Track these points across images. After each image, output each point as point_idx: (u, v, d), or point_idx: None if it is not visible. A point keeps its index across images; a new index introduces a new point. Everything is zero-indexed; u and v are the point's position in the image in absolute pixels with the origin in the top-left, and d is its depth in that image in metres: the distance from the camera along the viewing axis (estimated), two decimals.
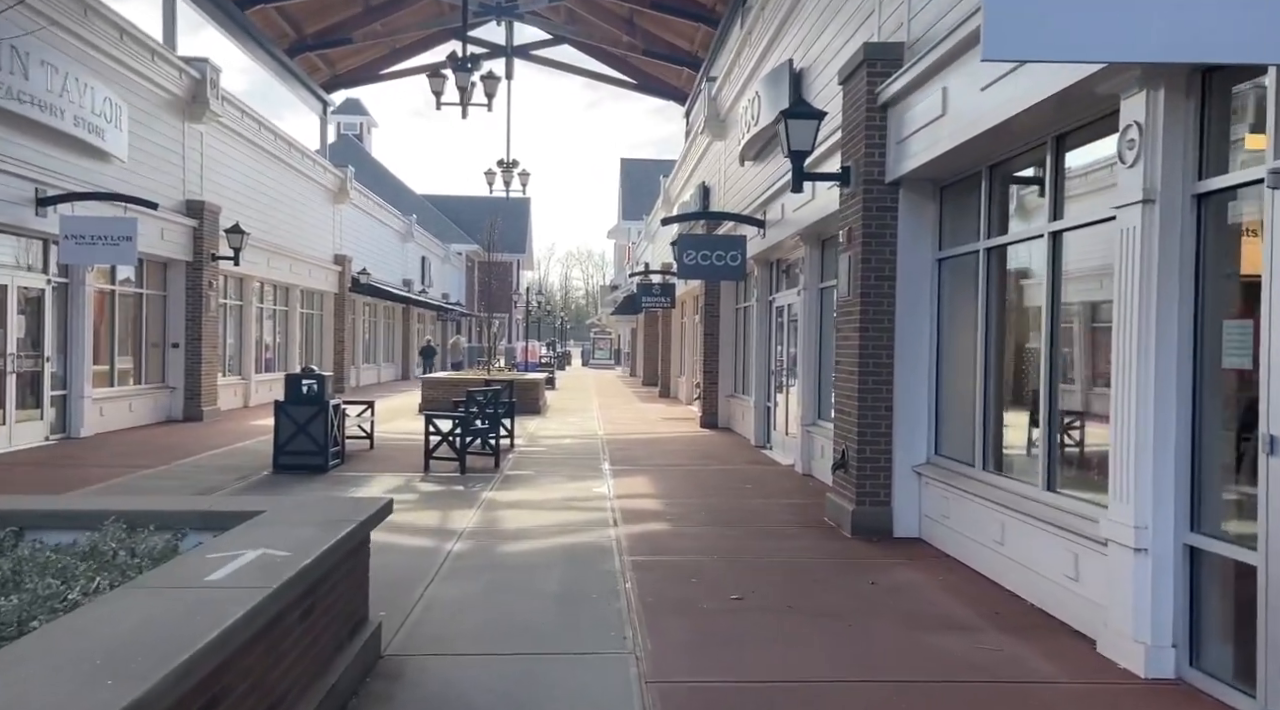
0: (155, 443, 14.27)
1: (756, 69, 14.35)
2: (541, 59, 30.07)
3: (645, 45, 25.98)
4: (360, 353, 33.00)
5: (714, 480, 11.60)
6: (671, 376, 29.39)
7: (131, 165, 15.48)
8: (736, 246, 13.81)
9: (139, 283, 16.96)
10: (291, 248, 23.92)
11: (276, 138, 22.44)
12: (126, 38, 15.05)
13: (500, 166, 27.35)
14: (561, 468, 12.54)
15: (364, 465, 12.43)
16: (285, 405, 11.77)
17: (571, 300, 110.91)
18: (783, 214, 12.60)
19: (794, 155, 8.39)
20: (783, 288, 14.57)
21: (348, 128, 63.75)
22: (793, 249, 13.39)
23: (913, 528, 8.06)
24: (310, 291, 26.85)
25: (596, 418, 20.92)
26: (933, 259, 8.11)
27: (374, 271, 32.46)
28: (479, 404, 12.42)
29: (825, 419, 11.72)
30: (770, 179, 13.40)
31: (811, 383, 12.07)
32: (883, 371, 8.17)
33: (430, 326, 47.32)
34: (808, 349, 12.08)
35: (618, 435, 16.98)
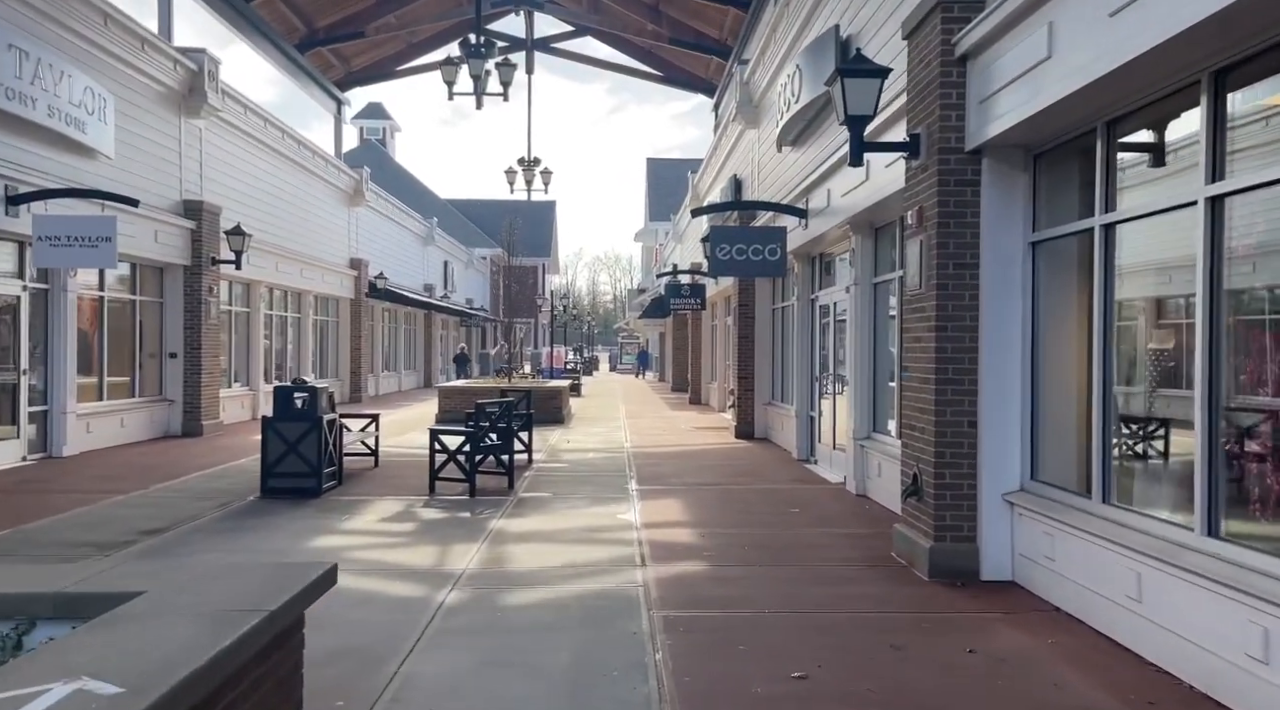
0: (142, 462, 13.11)
1: (796, 42, 12.96)
2: (563, 52, 28.86)
3: (671, 34, 24.65)
4: (379, 360, 31.91)
5: (755, 503, 10.20)
6: (702, 382, 27.99)
7: (120, 162, 14.36)
8: (775, 239, 12.42)
9: (132, 289, 15.85)
10: (302, 251, 22.81)
11: (285, 136, 21.34)
12: (112, 24, 13.93)
13: (521, 165, 26.13)
14: (583, 488, 11.20)
15: (363, 487, 11.16)
16: (274, 422, 10.53)
17: (599, 305, 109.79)
18: (828, 201, 11.20)
19: (852, 122, 7.00)
20: (827, 284, 13.15)
21: (371, 132, 63.05)
22: (839, 240, 11.98)
23: (1004, 569, 6.63)
24: (324, 297, 25.76)
25: (623, 427, 19.58)
26: (1024, 242, 6.67)
27: (393, 276, 31.38)
28: (489, 417, 11.11)
29: (882, 432, 10.30)
30: (813, 163, 12.01)
31: (864, 391, 10.65)
32: (964, 379, 6.75)
33: (455, 333, 46.26)
34: (859, 352, 10.67)
35: (646, 448, 15.62)
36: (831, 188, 11.03)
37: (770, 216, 13.82)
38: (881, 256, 10.53)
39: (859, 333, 10.67)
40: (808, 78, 11.43)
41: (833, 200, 11.01)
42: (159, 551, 7.58)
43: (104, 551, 7.49)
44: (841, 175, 10.49)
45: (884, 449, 9.85)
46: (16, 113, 11.52)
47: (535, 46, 27.99)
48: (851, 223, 10.51)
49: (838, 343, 12.33)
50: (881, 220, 10.18)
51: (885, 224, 10.20)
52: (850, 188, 10.15)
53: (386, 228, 31.68)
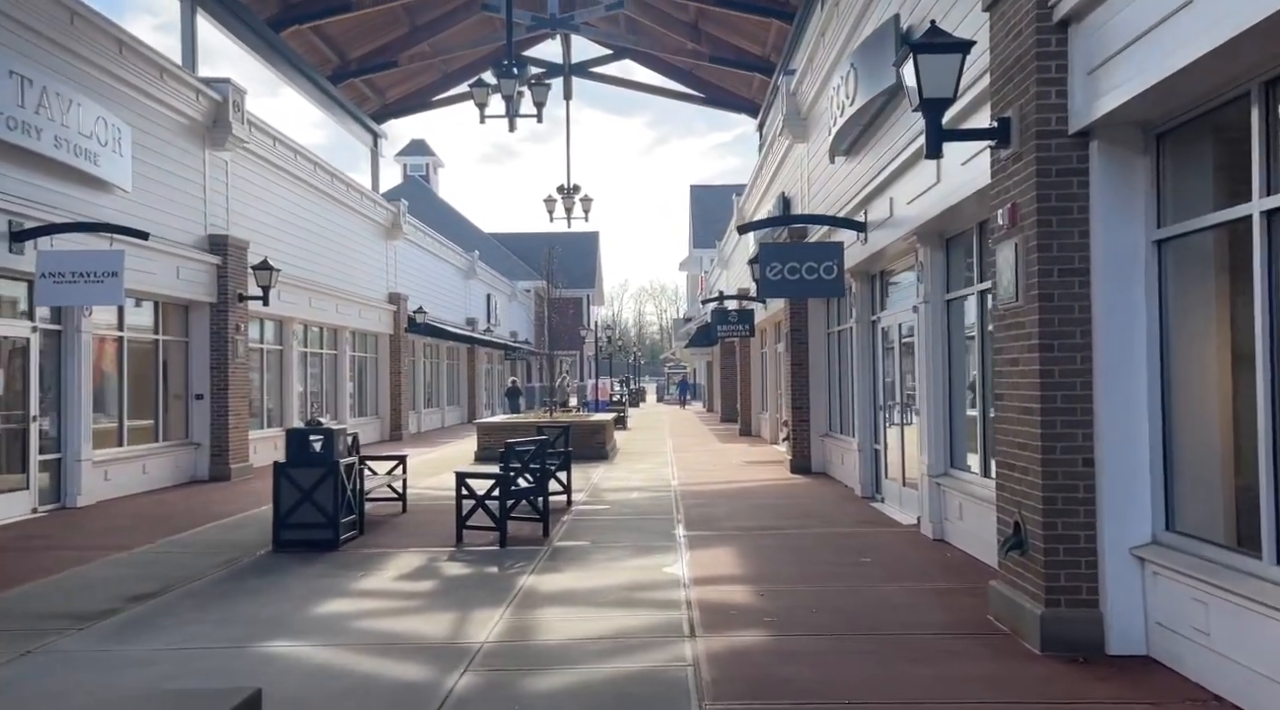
0: (157, 512, 12.30)
1: (848, 43, 11.93)
2: (601, 76, 28.18)
3: (712, 52, 23.79)
4: (420, 397, 31.21)
5: (819, 551, 9.03)
6: (753, 413, 26.80)
7: (138, 196, 13.74)
8: (831, 255, 11.31)
9: (155, 328, 15.20)
10: (338, 286, 22.18)
11: (317, 168, 20.79)
12: (127, 52, 13.37)
13: (561, 192, 25.40)
14: (625, 535, 10.12)
15: (385, 537, 10.20)
16: (287, 468, 9.63)
17: (645, 335, 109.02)
18: (890, 211, 10.09)
19: (928, 107, 5.92)
20: (889, 304, 12.00)
21: (414, 168, 63.25)
22: (902, 255, 10.85)
23: (1136, 640, 5.41)
24: (362, 333, 25.12)
25: (670, 463, 18.47)
26: (1147, 240, 5.51)
27: (434, 310, 30.77)
28: (521, 459, 10.10)
29: (961, 468, 9.10)
30: (871, 171, 10.92)
31: (938, 422, 9.46)
32: (1076, 408, 5.58)
33: (499, 367, 45.60)
34: (931, 379, 9.49)
35: (694, 485, 14.49)
36: (894, 196, 9.92)
37: (824, 232, 12.72)
38: (954, 270, 9.38)
39: (930, 357, 9.51)
40: (863, 78, 10.37)
41: (896, 209, 9.90)
42: (141, 622, 6.64)
43: (79, 623, 6.58)
44: (906, 181, 9.39)
45: (965, 488, 8.64)
46: (19, 143, 10.88)
47: (573, 71, 27.33)
48: (919, 234, 9.39)
49: (904, 368, 11.15)
50: (954, 229, 9.05)
51: (958, 233, 9.06)
52: (917, 193, 9.04)
53: (426, 261, 31.11)
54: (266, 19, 19.76)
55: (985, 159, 6.98)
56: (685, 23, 23.62)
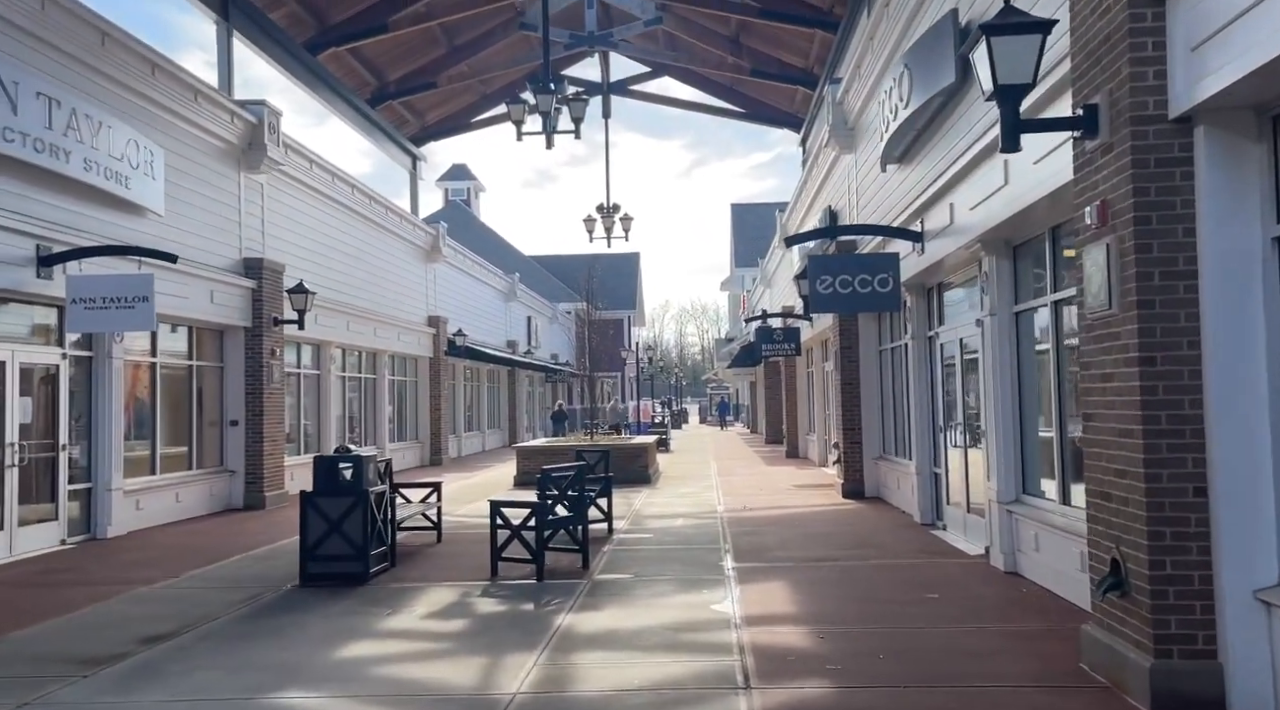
0: (187, 543, 11.94)
1: (899, 44, 11.32)
2: (641, 94, 27.82)
3: (753, 65, 23.28)
4: (461, 420, 30.87)
5: (882, 585, 8.34)
6: (799, 434, 26.05)
7: (171, 219, 13.51)
8: (886, 267, 10.66)
9: (189, 353, 14.94)
10: (376, 310, 21.91)
11: (354, 190, 20.57)
12: (160, 74, 13.18)
13: (600, 212, 25.01)
14: (670, 566, 9.50)
15: (417, 569, 9.69)
16: (314, 497, 9.17)
17: (687, 356, 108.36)
18: (950, 218, 9.43)
19: (1003, 94, 5.32)
20: (949, 318, 11.30)
21: (455, 193, 63.50)
22: (964, 265, 10.18)
23: (1264, 698, 4.68)
24: (401, 356, 24.84)
25: (715, 487, 17.80)
26: (1265, 237, 4.83)
27: (474, 333, 30.46)
28: (558, 486, 9.55)
29: (1034, 494, 8.38)
30: (928, 177, 10.28)
31: (1008, 444, 8.74)
32: (1184, 429, 4.89)
33: (540, 389, 45.25)
34: (999, 397, 8.79)
35: (741, 512, 13.83)
36: (955, 202, 9.27)
37: (876, 245, 12.07)
38: (1023, 280, 8.69)
39: (997, 373, 8.80)
40: (918, 80, 9.76)
41: (957, 216, 9.24)
42: (148, 670, 6.16)
43: (84, 670, 6.12)
44: (969, 185, 8.74)
45: (1042, 517, 7.92)
46: (47, 166, 10.65)
47: (611, 90, 27.03)
48: (983, 241, 8.73)
49: (966, 386, 10.44)
50: (1022, 235, 8.37)
51: (1027, 240, 8.38)
52: (981, 198, 8.38)
53: (466, 284, 30.87)
54: (303, 42, 19.65)
55: (1061, 156, 6.35)
56: (726, 37, 23.16)
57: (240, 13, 16.75)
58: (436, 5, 20.52)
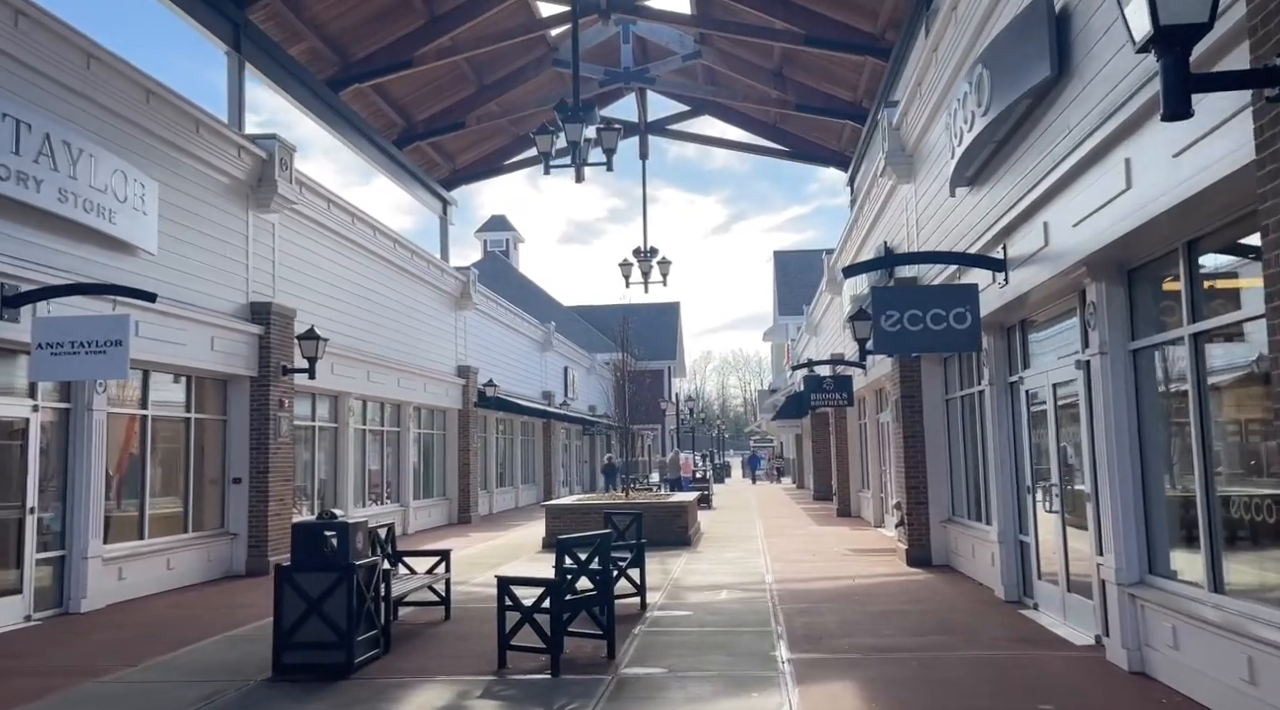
0: (169, 619, 10.58)
1: (971, 49, 9.92)
2: (680, 133, 26.72)
3: (798, 99, 22.06)
4: (493, 475, 29.48)
5: (975, 690, 6.70)
6: (851, 491, 24.25)
7: (166, 258, 12.43)
8: (964, 299, 9.12)
9: (186, 405, 13.75)
10: (400, 359, 20.74)
11: (376, 232, 19.53)
12: (156, 102, 12.20)
13: (638, 256, 23.82)
14: (711, 657, 7.92)
15: (413, 658, 8.21)
16: (290, 573, 7.78)
17: (729, 408, 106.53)
18: (1045, 239, 7.91)
19: (1167, 40, 3.87)
20: (1035, 361, 9.71)
21: (494, 244, 63.08)
22: (1055, 298, 8.64)
23: None
24: (427, 408, 23.60)
25: (762, 551, 16.14)
26: None
27: (507, 384, 29.23)
28: (578, 560, 8.06)
29: (1165, 575, 6.74)
30: (1012, 196, 8.80)
31: (1128, 509, 7.11)
32: None
33: (577, 442, 43.81)
34: (1113, 452, 7.18)
35: (793, 582, 12.19)
36: (1050, 219, 7.76)
37: (948, 276, 10.53)
38: (1142, 310, 7.14)
39: (1110, 424, 7.21)
40: (999, 80, 8.34)
41: (1053, 237, 7.73)
42: None
43: None
44: (1071, 197, 7.25)
45: (1182, 606, 6.26)
46: (10, 195, 9.56)
47: (649, 129, 25.99)
48: (1090, 265, 7.20)
49: (1062, 439, 8.82)
50: (1142, 255, 6.84)
51: (1149, 261, 6.84)
52: (1089, 211, 6.88)
53: (498, 333, 29.72)
54: (325, 78, 18.79)
55: (1215, 144, 4.89)
56: (769, 70, 21.99)
57: (254, 45, 15.86)
58: (463, 40, 19.62)
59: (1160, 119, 3.95)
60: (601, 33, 21.42)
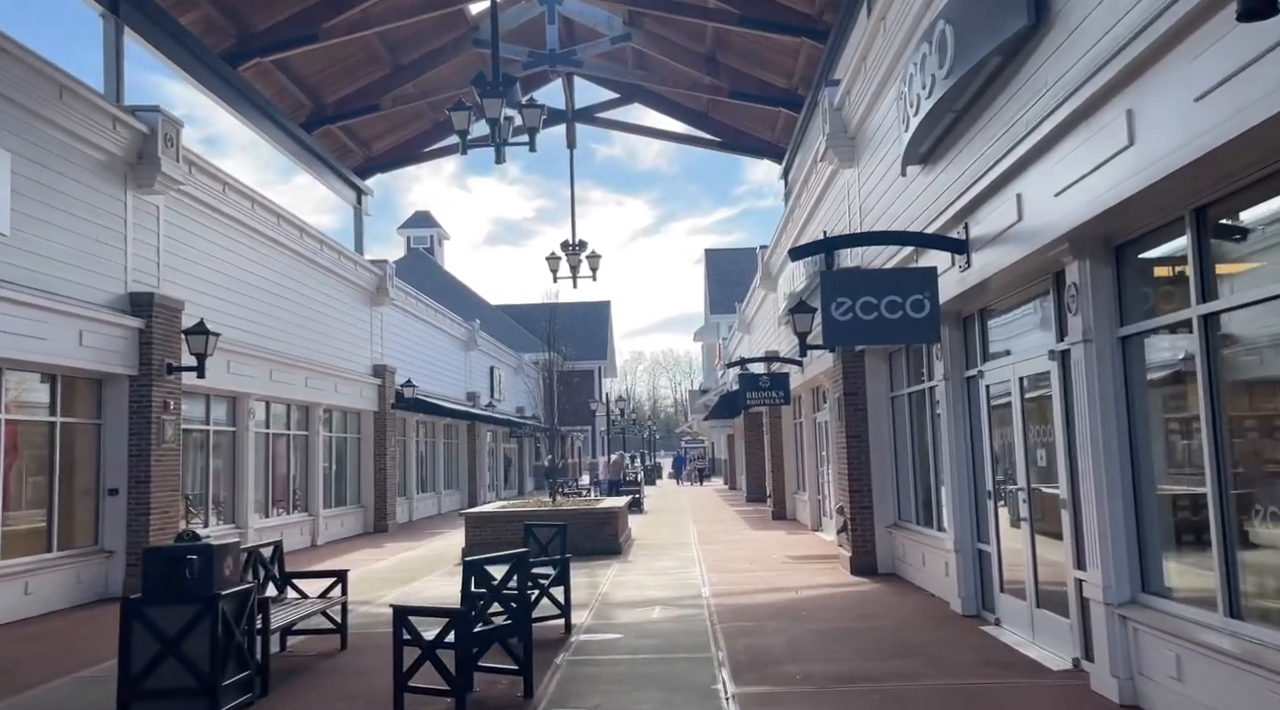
0: (10, 658, 9.10)
1: (926, 9, 9.03)
2: (609, 122, 25.63)
3: (732, 86, 21.16)
4: (413, 481, 27.99)
5: None
6: (787, 493, 23.46)
7: (20, 240, 10.90)
8: (923, 285, 8.21)
9: (52, 407, 12.18)
10: (308, 357, 19.25)
11: (281, 221, 18.03)
12: (6, 59, 10.66)
13: (566, 249, 22.66)
14: (644, 694, 6.85)
15: (298, 698, 6.97)
16: (139, 607, 6.48)
17: (660, 409, 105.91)
18: (1018, 214, 7.02)
19: None
20: (996, 353, 8.87)
21: (418, 241, 61.15)
22: (1022, 282, 7.80)
23: None
24: (340, 410, 22.08)
25: (697, 559, 15.14)
26: None
27: (429, 384, 27.80)
28: (490, 584, 6.92)
29: (1158, 594, 5.89)
30: (975, 170, 7.93)
31: (1116, 517, 6.26)
32: None
33: (504, 444, 42.39)
34: (1100, 451, 6.32)
35: (733, 596, 11.21)
36: (1024, 191, 6.88)
37: (912, 252, 9.61)
38: (1131, 292, 6.29)
39: (1096, 420, 6.34)
40: (964, 36, 7.45)
41: (1029, 210, 6.84)
42: None
43: None
44: (1053, 163, 6.36)
45: (1187, 632, 5.40)
46: None
47: (576, 117, 24.86)
48: (1073, 241, 6.32)
49: (1032, 439, 7.98)
50: (1136, 227, 5.98)
51: (1144, 234, 5.99)
52: (1078, 177, 5.98)
53: (419, 331, 28.24)
54: (222, 52, 17.24)
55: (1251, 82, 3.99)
56: (701, 54, 21.06)
57: (136, 9, 14.28)
58: (375, 13, 18.23)
59: (1236, 19, 3.00)
60: (526, 11, 20.25)
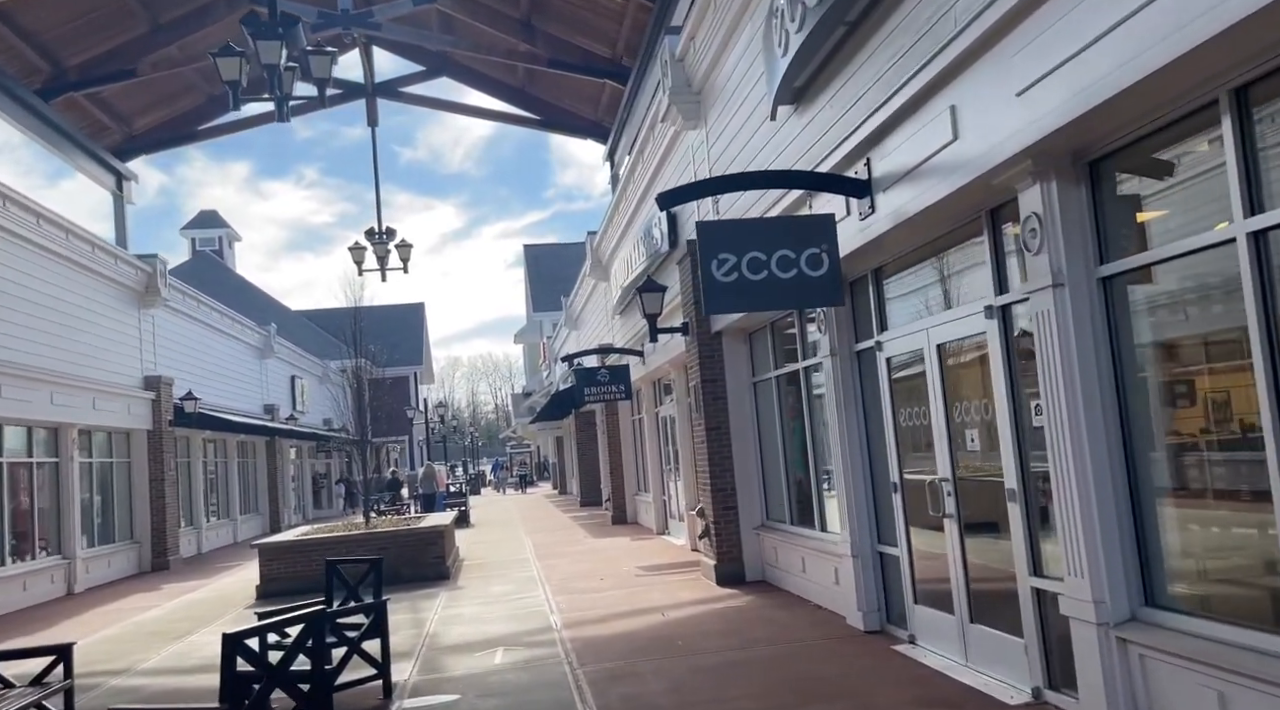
0: None
1: None
2: (415, 97, 23.18)
3: (550, 54, 19.30)
4: (201, 508, 24.45)
5: None
6: (627, 494, 21.87)
7: None
8: (819, 236, 6.63)
9: None
10: (54, 369, 15.88)
11: (6, 203, 14.66)
12: None
13: (371, 238, 20.16)
14: None
15: None
16: None
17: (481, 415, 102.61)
18: (954, 132, 5.54)
19: None
20: (900, 317, 7.45)
21: (204, 242, 55.63)
22: (948, 227, 6.38)
23: None
24: (102, 430, 18.60)
25: (539, 579, 13.20)
26: None
27: (217, 397, 24.41)
28: (264, 662, 4.77)
29: (1171, 608, 4.51)
30: (882, 89, 6.43)
31: (1107, 508, 4.88)
32: None
33: (310, 461, 38.74)
34: (1078, 426, 4.92)
35: (589, 625, 9.37)
36: (962, 102, 5.40)
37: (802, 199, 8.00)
38: (1114, 220, 4.91)
39: (1072, 386, 4.93)
40: None
41: (967, 128, 5.37)
42: None
43: None
44: (1011, 52, 4.87)
45: (1228, 659, 4.01)
46: None
47: (378, 92, 22.27)
48: (1037, 158, 4.88)
49: (960, 417, 6.58)
50: (1125, 131, 4.58)
51: (1140, 137, 4.59)
52: (1052, 67, 4.51)
53: (202, 337, 24.72)
54: None
55: None
56: (515, 19, 19.07)
57: None
58: None
59: None
60: None
